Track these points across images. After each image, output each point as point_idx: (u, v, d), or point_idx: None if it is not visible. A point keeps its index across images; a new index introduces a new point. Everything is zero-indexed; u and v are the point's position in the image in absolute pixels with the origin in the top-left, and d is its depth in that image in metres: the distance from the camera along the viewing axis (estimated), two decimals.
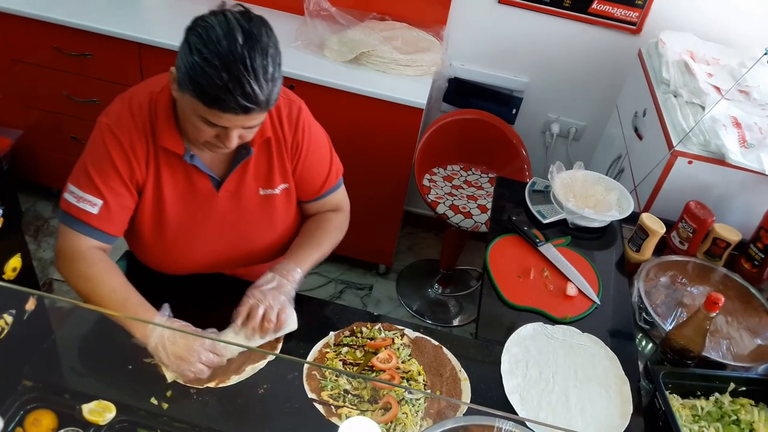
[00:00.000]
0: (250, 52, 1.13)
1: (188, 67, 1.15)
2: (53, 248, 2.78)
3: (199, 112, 1.18)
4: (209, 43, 1.13)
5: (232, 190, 1.42)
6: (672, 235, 1.83)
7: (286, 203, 1.51)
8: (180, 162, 1.36)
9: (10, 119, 2.68)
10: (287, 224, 1.55)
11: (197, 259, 1.49)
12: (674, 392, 1.40)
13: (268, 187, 1.46)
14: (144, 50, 2.37)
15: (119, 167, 1.31)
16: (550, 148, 2.93)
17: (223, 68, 1.12)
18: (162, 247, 1.45)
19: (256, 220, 1.49)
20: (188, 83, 1.16)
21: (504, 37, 2.67)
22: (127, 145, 1.31)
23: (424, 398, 1.31)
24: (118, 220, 1.35)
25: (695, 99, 2.01)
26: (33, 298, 1.26)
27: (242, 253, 1.53)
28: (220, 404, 1.25)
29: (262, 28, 1.17)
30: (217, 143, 1.26)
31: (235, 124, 1.20)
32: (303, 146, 1.45)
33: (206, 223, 1.44)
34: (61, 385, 1.27)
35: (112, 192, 1.31)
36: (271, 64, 1.16)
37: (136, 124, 1.31)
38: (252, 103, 1.15)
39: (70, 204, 1.31)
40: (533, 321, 1.54)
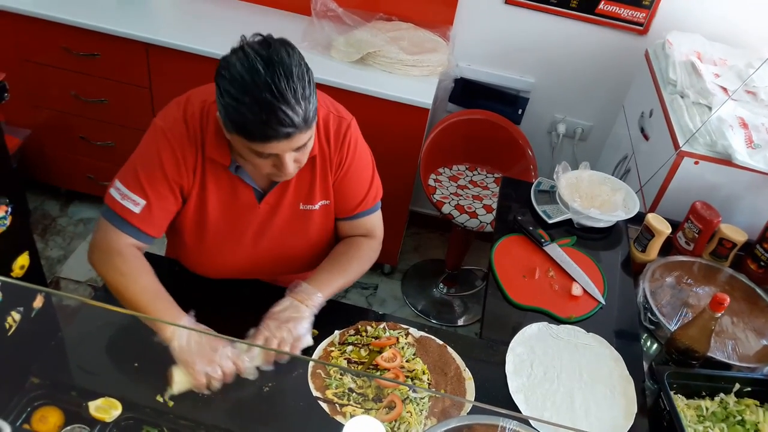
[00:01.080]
0: (273, 78, 1.14)
1: (224, 110, 1.19)
2: (61, 247, 2.81)
3: (248, 147, 1.22)
4: (234, 83, 1.15)
5: (272, 203, 1.45)
6: (678, 236, 1.83)
7: (324, 218, 1.53)
8: (225, 172, 1.38)
9: (18, 119, 2.70)
10: (323, 238, 1.57)
11: (233, 265, 1.51)
12: (679, 392, 1.40)
13: (308, 203, 1.48)
14: (152, 50, 2.39)
15: (168, 172, 1.34)
16: (556, 149, 2.92)
17: (253, 102, 1.14)
18: (201, 251, 1.48)
19: (294, 233, 1.51)
20: (229, 124, 1.20)
21: (510, 37, 2.67)
22: (179, 151, 1.33)
23: (428, 397, 1.31)
24: (158, 222, 1.37)
25: (702, 99, 2.01)
26: (41, 296, 1.26)
27: (278, 262, 1.55)
28: (225, 402, 1.26)
29: (281, 51, 1.17)
30: (276, 172, 1.29)
31: (283, 150, 1.22)
32: (346, 163, 1.47)
33: (246, 232, 1.47)
34: (67, 382, 1.29)
35: (156, 194, 1.34)
36: (298, 83, 1.16)
37: (189, 132, 1.34)
38: (289, 127, 1.17)
39: (115, 200, 1.34)
40: (538, 321, 1.54)
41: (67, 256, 2.80)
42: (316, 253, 1.58)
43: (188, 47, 2.33)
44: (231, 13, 2.63)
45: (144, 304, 1.29)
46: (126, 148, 2.74)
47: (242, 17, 2.62)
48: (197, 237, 1.46)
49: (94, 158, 2.78)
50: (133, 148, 2.84)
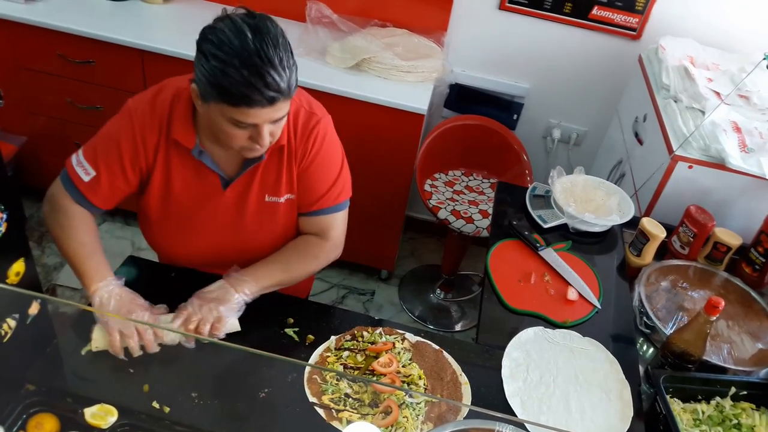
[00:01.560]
0: (262, 44, 1.18)
1: (208, 74, 1.20)
2: (57, 254, 2.80)
3: (228, 115, 1.23)
4: (223, 46, 1.18)
5: (239, 190, 1.46)
6: (673, 240, 1.83)
7: (289, 213, 1.54)
8: (190, 157, 1.41)
9: (14, 126, 2.70)
10: (286, 232, 1.57)
11: (196, 251, 1.54)
12: (675, 396, 1.40)
13: (274, 195, 1.49)
14: (146, 57, 2.39)
15: (123, 151, 1.39)
16: (551, 154, 2.93)
17: (242, 65, 1.17)
18: (166, 232, 1.52)
19: (257, 225, 1.52)
20: (211, 90, 1.21)
21: (505, 43, 2.69)
22: (139, 133, 1.38)
23: (424, 402, 1.31)
24: (103, 195, 1.42)
25: (695, 104, 2.02)
26: (36, 303, 1.26)
27: (239, 254, 1.54)
28: (221, 408, 1.26)
29: (266, 21, 1.22)
30: (251, 145, 1.31)
31: (263, 119, 1.24)
32: (310, 155, 1.47)
33: (210, 218, 1.49)
34: (63, 389, 1.28)
35: (108, 170, 1.40)
36: (285, 51, 1.21)
37: (154, 115, 1.38)
38: (275, 91, 1.20)
39: (71, 165, 1.42)
40: (534, 325, 1.54)
41: (63, 263, 2.79)
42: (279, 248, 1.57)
43: (183, 54, 2.33)
44: None
45: (80, 258, 1.37)
46: None
47: None
48: (163, 217, 1.49)
49: None
50: None
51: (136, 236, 2.97)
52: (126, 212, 3.03)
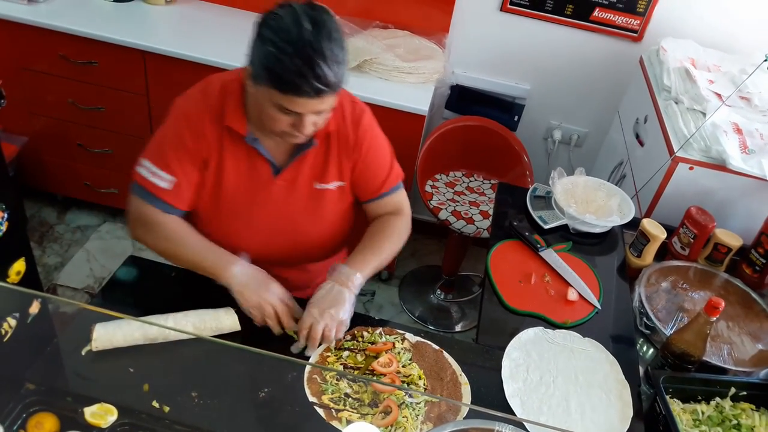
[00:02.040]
0: (318, 36, 1.20)
1: (262, 57, 1.22)
2: (58, 254, 2.81)
3: (275, 100, 1.25)
4: (280, 32, 1.20)
5: (289, 178, 1.47)
6: (673, 241, 1.83)
7: (339, 201, 1.54)
8: (243, 144, 1.42)
9: (16, 126, 2.70)
10: (337, 222, 1.57)
11: (247, 241, 1.52)
12: (675, 397, 1.40)
13: (322, 182, 1.50)
14: (148, 57, 2.40)
15: (189, 146, 1.40)
16: (552, 155, 2.93)
17: (295, 54, 1.19)
18: (217, 223, 1.50)
19: (308, 212, 1.52)
20: (263, 73, 1.23)
21: (506, 44, 2.69)
22: (198, 124, 1.39)
23: (424, 402, 1.31)
24: (186, 196, 1.44)
25: (696, 105, 2.02)
26: (37, 302, 1.26)
27: (290, 244, 1.55)
28: (221, 407, 1.26)
29: (325, 15, 1.24)
30: (293, 131, 1.32)
31: (308, 109, 1.26)
32: (364, 144, 1.49)
33: (261, 207, 1.49)
34: (63, 388, 1.28)
35: (183, 171, 1.40)
36: (338, 46, 1.23)
37: (207, 104, 1.40)
38: (323, 85, 1.21)
39: (144, 178, 1.41)
40: (534, 326, 1.54)
41: (64, 263, 2.80)
42: (331, 240, 1.58)
43: (185, 55, 2.34)
44: (228, 21, 2.64)
45: (198, 260, 1.41)
46: (124, 155, 2.76)
47: (239, 25, 2.62)
48: (214, 207, 1.48)
49: (92, 165, 2.78)
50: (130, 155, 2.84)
51: None
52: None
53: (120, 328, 1.32)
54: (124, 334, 1.32)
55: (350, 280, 1.41)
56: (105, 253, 2.87)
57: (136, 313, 1.37)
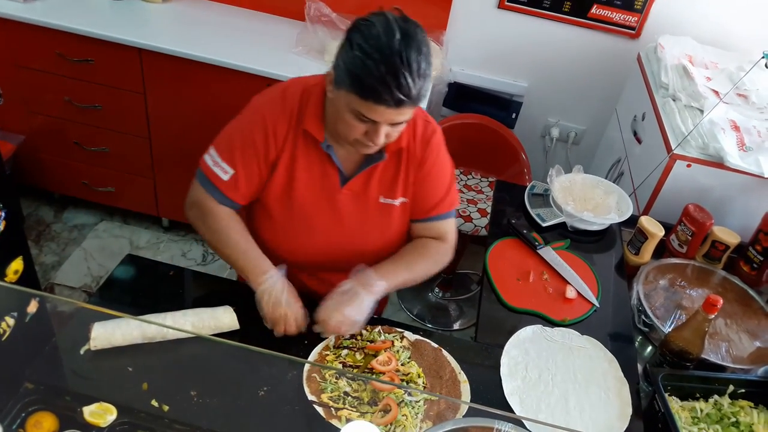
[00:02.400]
0: (407, 48, 1.20)
1: (348, 61, 1.23)
2: (55, 253, 2.81)
3: (354, 106, 1.25)
4: (370, 39, 1.21)
5: (355, 189, 1.47)
6: (671, 238, 1.84)
7: (402, 217, 1.54)
8: (317, 149, 1.43)
9: (12, 124, 2.69)
10: (395, 237, 1.57)
11: (305, 244, 1.52)
12: (673, 394, 1.40)
13: (389, 197, 1.50)
14: (145, 55, 2.39)
15: (257, 145, 1.41)
16: (549, 152, 2.93)
17: (382, 61, 1.19)
18: (283, 224, 1.51)
19: (371, 226, 1.52)
20: (346, 77, 1.24)
21: (504, 41, 2.69)
22: (270, 123, 1.40)
23: (423, 400, 1.31)
24: (243, 191, 1.45)
25: (694, 103, 2.02)
26: (35, 301, 1.26)
27: (346, 253, 1.54)
28: (220, 406, 1.26)
29: (417, 28, 1.25)
30: (365, 140, 1.32)
31: (385, 118, 1.26)
32: (427, 163, 1.49)
33: (325, 213, 1.49)
34: (62, 387, 1.28)
35: (244, 166, 1.42)
36: (424, 60, 1.23)
37: (284, 106, 1.41)
38: (404, 95, 1.21)
39: (207, 166, 1.44)
40: (532, 323, 1.54)
41: (61, 262, 2.79)
42: (387, 254, 1.57)
43: (182, 52, 2.33)
44: (224, 19, 2.63)
45: (234, 258, 1.43)
46: (121, 153, 2.76)
47: (236, 22, 2.62)
48: (282, 208, 1.49)
49: (89, 164, 2.78)
50: (127, 154, 2.83)
51: (134, 235, 2.97)
52: (125, 211, 3.03)
53: (119, 327, 1.32)
54: (122, 333, 1.32)
55: (372, 284, 1.41)
56: (102, 251, 2.86)
57: (135, 312, 1.37)
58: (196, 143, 2.65)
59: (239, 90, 2.40)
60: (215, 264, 2.91)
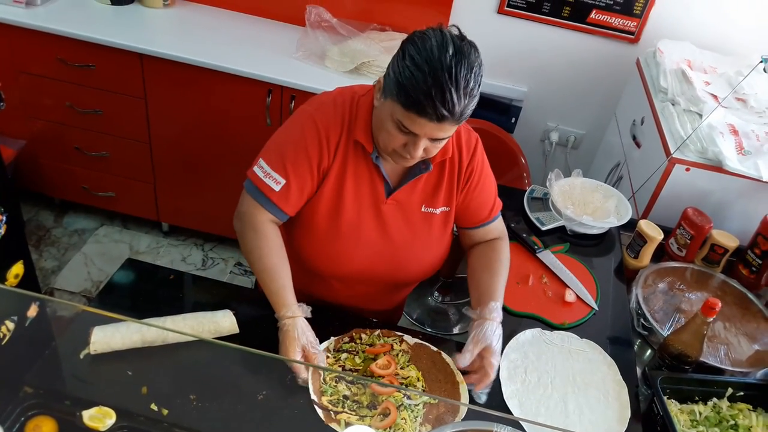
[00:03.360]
0: (457, 64, 1.19)
1: (398, 71, 1.23)
2: (55, 257, 2.81)
3: (396, 116, 1.25)
4: (422, 51, 1.20)
5: (399, 200, 1.47)
6: (670, 242, 1.84)
7: (443, 226, 1.54)
8: (365, 160, 1.42)
9: (13, 129, 2.70)
10: (436, 245, 1.56)
11: (354, 258, 1.50)
12: (672, 397, 1.40)
13: (430, 206, 1.50)
14: (146, 61, 2.40)
15: (310, 154, 1.39)
16: (549, 157, 2.94)
17: (430, 73, 1.18)
18: (330, 235, 1.48)
19: (412, 235, 1.51)
20: (393, 86, 1.24)
21: (503, 46, 2.70)
22: (323, 131, 1.39)
23: (422, 404, 1.31)
24: (294, 202, 1.43)
25: (693, 107, 2.03)
26: (35, 305, 1.26)
27: (389, 264, 1.53)
28: (219, 410, 1.26)
29: (471, 48, 1.24)
30: (403, 153, 1.32)
31: (425, 132, 1.26)
32: (476, 173, 1.51)
33: (371, 225, 1.48)
34: (61, 391, 1.28)
35: (296, 175, 1.40)
36: (473, 80, 1.22)
37: (336, 114, 1.40)
38: (447, 112, 1.21)
39: (258, 177, 1.41)
40: (532, 327, 1.54)
41: (61, 267, 2.80)
42: (430, 263, 1.57)
43: (183, 57, 2.34)
44: (226, 24, 2.64)
45: (267, 280, 1.40)
46: (121, 158, 2.76)
47: (237, 28, 2.63)
48: (330, 218, 1.46)
49: (89, 169, 2.78)
50: (128, 159, 2.84)
51: (134, 239, 2.98)
52: (124, 216, 3.03)
53: (118, 331, 1.32)
54: (122, 337, 1.32)
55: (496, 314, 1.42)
56: (102, 256, 2.87)
57: (134, 316, 1.37)
58: (196, 148, 2.68)
59: (240, 95, 2.41)
60: (215, 269, 2.91)
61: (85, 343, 1.31)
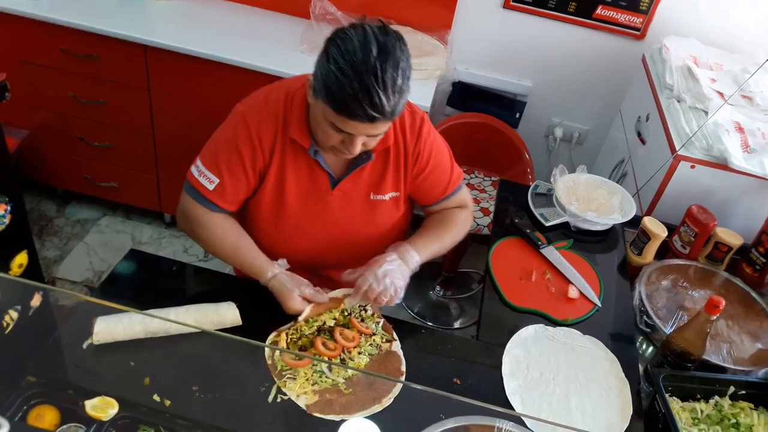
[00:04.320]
0: (383, 64, 1.18)
1: (324, 74, 1.22)
2: (58, 247, 2.81)
3: (329, 118, 1.25)
4: (345, 54, 1.19)
5: (345, 190, 1.49)
6: (674, 239, 1.84)
7: (393, 209, 1.56)
8: (304, 155, 1.43)
9: (16, 119, 2.69)
10: (392, 230, 1.60)
11: (304, 250, 1.55)
12: (674, 395, 1.40)
13: (378, 193, 1.51)
14: (150, 52, 2.39)
15: (243, 153, 1.41)
16: (553, 152, 2.93)
17: (355, 78, 1.18)
18: (275, 231, 1.53)
19: (362, 223, 1.54)
20: (322, 89, 1.23)
21: (508, 41, 2.69)
22: (255, 132, 1.40)
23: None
24: (230, 198, 1.46)
25: (698, 104, 2.02)
26: (38, 295, 1.26)
27: (342, 251, 1.58)
28: (222, 401, 1.26)
29: (396, 42, 1.22)
30: (342, 149, 1.33)
31: (360, 132, 1.26)
32: (424, 155, 1.50)
33: (317, 217, 1.51)
34: (64, 381, 1.28)
35: (230, 174, 1.42)
36: (401, 77, 1.21)
37: (269, 113, 1.40)
38: (378, 113, 1.21)
39: (193, 176, 1.45)
40: (534, 323, 1.54)
41: (63, 256, 2.80)
42: (382, 245, 1.58)
43: (187, 49, 2.33)
44: (230, 16, 2.63)
45: (238, 259, 1.46)
46: (124, 149, 2.76)
47: (241, 20, 2.62)
48: (274, 216, 1.50)
49: (92, 159, 2.78)
50: (131, 150, 2.83)
51: (137, 230, 2.98)
52: (127, 206, 3.03)
53: (121, 321, 1.32)
54: (125, 327, 1.32)
55: (410, 259, 1.46)
56: (104, 246, 2.87)
57: (137, 306, 1.37)
58: (199, 140, 2.65)
59: (243, 87, 2.38)
60: (217, 260, 2.90)
61: (87, 333, 1.31)
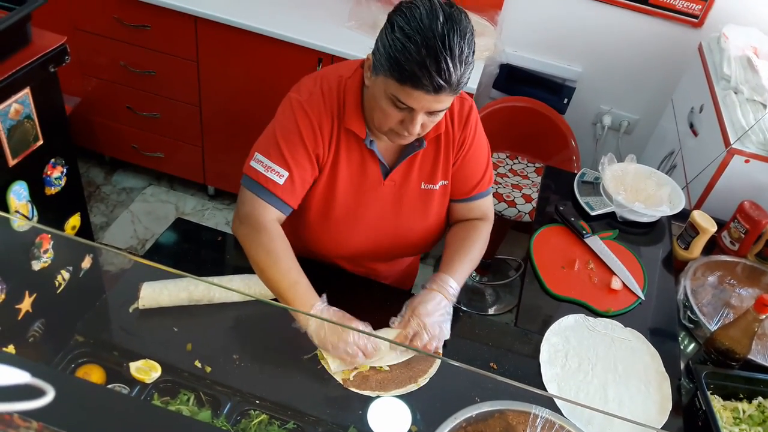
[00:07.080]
0: (450, 32, 1.15)
1: (388, 45, 1.19)
2: (104, 214, 2.88)
3: (391, 91, 1.21)
4: (412, 21, 1.16)
5: (397, 180, 1.45)
6: (723, 235, 1.79)
7: (442, 199, 1.52)
8: (358, 146, 1.39)
9: (68, 87, 2.75)
10: (440, 220, 1.56)
11: (354, 244, 1.50)
12: (716, 393, 1.37)
13: (429, 183, 1.48)
14: (200, 23, 2.41)
15: (307, 142, 1.35)
16: (600, 141, 2.87)
17: (423, 44, 1.15)
18: (325, 225, 1.47)
19: (412, 213, 1.50)
20: (385, 62, 1.19)
21: (559, 24, 2.63)
22: (316, 121, 1.35)
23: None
24: (298, 193, 1.38)
25: (757, 96, 1.95)
26: (89, 257, 1.30)
27: (391, 241, 1.53)
28: (261, 371, 1.28)
29: (462, 14, 1.20)
30: (400, 130, 1.28)
31: (422, 105, 1.21)
32: (467, 143, 1.46)
33: (369, 208, 1.46)
34: (110, 342, 1.32)
35: (297, 165, 1.35)
36: (467, 46, 1.18)
37: (325, 103, 1.36)
38: (444, 82, 1.17)
39: (258, 172, 1.35)
40: (575, 312, 1.53)
41: (109, 223, 2.87)
42: (432, 236, 1.57)
43: (236, 22, 2.34)
44: None
45: (283, 288, 1.31)
46: (171, 120, 2.79)
47: None
48: (325, 208, 1.45)
49: (139, 128, 2.83)
50: (177, 120, 2.87)
51: (180, 201, 3.03)
52: (171, 177, 3.08)
53: (166, 288, 1.35)
54: (170, 294, 1.35)
55: (450, 292, 1.40)
56: (149, 215, 2.93)
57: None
58: (245, 114, 2.69)
59: (290, 63, 2.41)
60: None
61: (133, 297, 1.34)
